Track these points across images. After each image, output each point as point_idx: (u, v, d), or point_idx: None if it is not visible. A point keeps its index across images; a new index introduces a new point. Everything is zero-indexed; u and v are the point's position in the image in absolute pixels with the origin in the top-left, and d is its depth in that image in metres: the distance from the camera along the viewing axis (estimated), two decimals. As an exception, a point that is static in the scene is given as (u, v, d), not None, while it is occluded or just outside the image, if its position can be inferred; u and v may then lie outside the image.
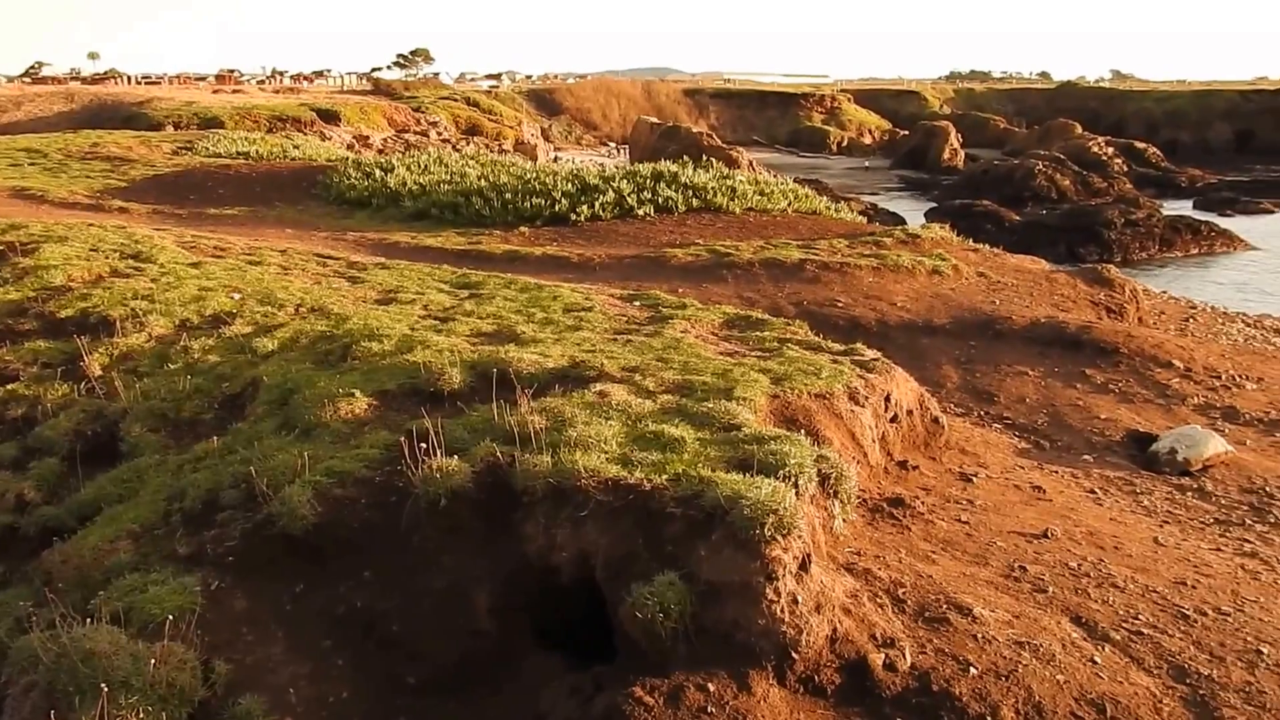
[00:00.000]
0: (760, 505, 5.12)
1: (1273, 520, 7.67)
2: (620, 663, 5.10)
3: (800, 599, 4.99)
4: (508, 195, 19.48)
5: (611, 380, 7.31)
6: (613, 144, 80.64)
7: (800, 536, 5.16)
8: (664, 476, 5.61)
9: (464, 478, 5.94)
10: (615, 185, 19.11)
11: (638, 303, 10.29)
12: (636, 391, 7.09)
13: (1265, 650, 5.43)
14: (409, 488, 5.96)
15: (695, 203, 18.65)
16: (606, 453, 5.96)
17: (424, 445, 6.03)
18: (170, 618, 5.03)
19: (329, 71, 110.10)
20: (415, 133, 56.55)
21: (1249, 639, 5.56)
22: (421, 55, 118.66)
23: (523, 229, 17.83)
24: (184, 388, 8.47)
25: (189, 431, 8.06)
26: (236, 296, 10.52)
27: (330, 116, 51.34)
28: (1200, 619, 5.76)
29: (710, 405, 6.69)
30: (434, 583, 5.71)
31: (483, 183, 20.72)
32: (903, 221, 38.48)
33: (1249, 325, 16.13)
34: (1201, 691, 5.03)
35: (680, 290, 11.80)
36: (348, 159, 28.07)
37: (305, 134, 43.11)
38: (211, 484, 6.57)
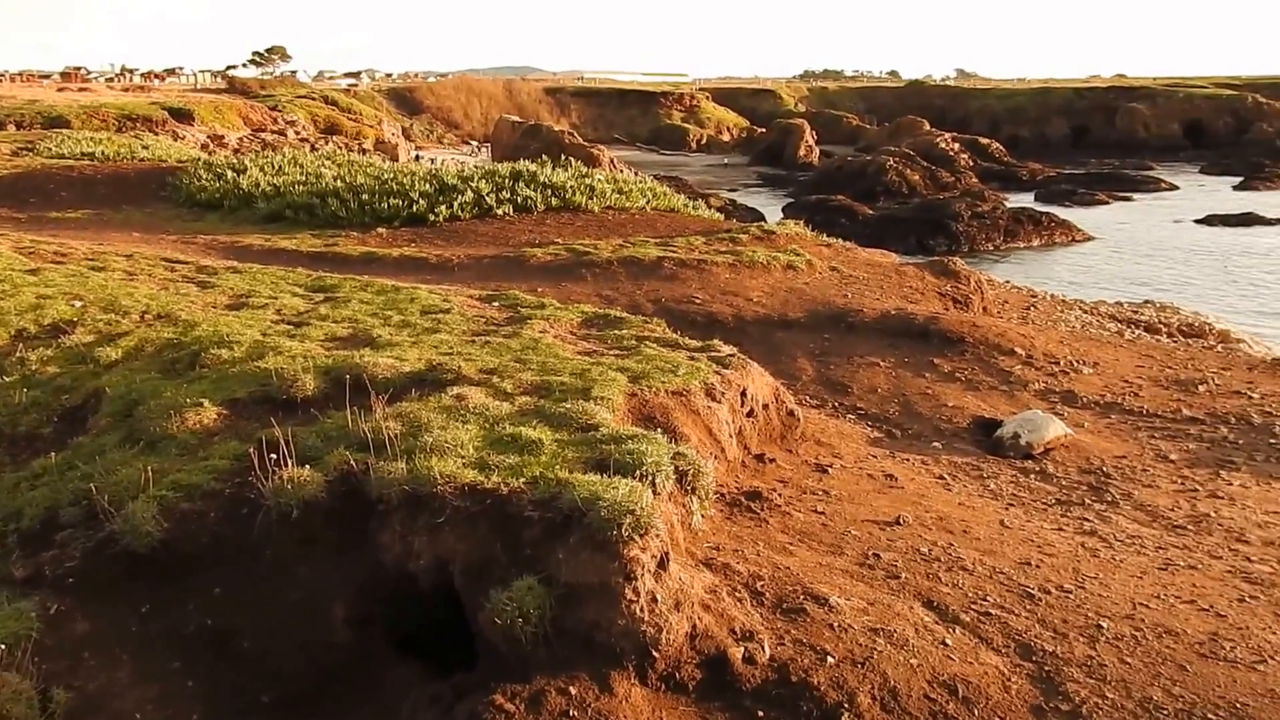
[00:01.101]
0: (617, 506, 5.12)
1: (1109, 499, 8.06)
2: (481, 670, 5.04)
3: (659, 597, 5.01)
4: (365, 196, 19.09)
5: (469, 383, 7.23)
6: (475, 142, 79.90)
7: (658, 535, 5.18)
8: (522, 480, 5.56)
9: (317, 487, 5.79)
10: (474, 185, 18.91)
11: (496, 303, 10.20)
12: (494, 394, 7.02)
13: (1105, 625, 5.70)
14: (260, 499, 5.77)
15: (554, 202, 18.62)
16: (463, 457, 5.89)
17: (275, 455, 5.85)
18: (4, 646, 4.75)
19: (181, 69, 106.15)
20: (273, 132, 54.98)
21: (1090, 615, 5.82)
22: (278, 53, 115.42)
23: (380, 230, 17.50)
24: (20, 401, 8.01)
25: (26, 447, 7.64)
26: (78, 304, 10.02)
27: (183, 115, 49.47)
28: (1045, 597, 6.01)
29: (568, 406, 6.68)
30: (288, 596, 5.55)
31: (339, 183, 20.25)
32: (762, 217, 39.26)
33: (1086, 312, 16.98)
34: (1047, 668, 5.24)
35: (539, 290, 11.75)
36: (199, 159, 27.05)
37: (157, 134, 41.44)
38: (50, 502, 6.24)
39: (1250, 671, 5.30)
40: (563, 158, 23.39)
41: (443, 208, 18.03)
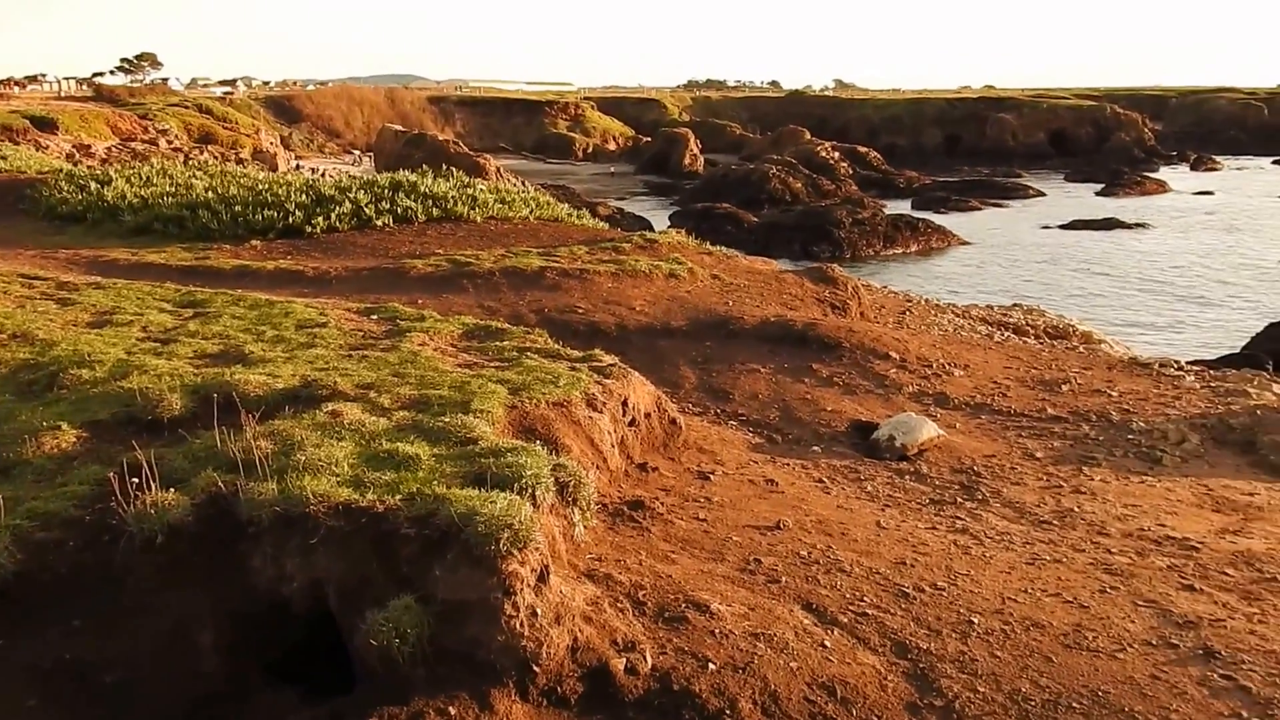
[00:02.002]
0: (495, 520, 5.07)
1: (980, 497, 8.32)
2: (359, 693, 4.93)
3: (540, 611, 4.99)
4: (238, 208, 18.56)
5: (345, 399, 7.08)
6: (358, 152, 78.45)
7: (538, 548, 5.15)
8: (398, 496, 5.47)
9: (183, 511, 5.58)
10: (352, 196, 18.58)
11: (375, 316, 10.02)
12: (371, 409, 6.89)
13: (976, 620, 5.88)
14: (123, 525, 5.54)
15: (436, 212, 18.40)
16: (338, 475, 5.76)
17: (139, 479, 5.62)
18: None
19: (44, 76, 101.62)
20: (143, 141, 53.12)
21: (962, 611, 5.99)
22: (148, 60, 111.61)
23: (255, 242, 17.02)
24: None
25: None
26: (-79, 325, 9.48)
27: (47, 125, 47.43)
28: (919, 596, 6.17)
29: (447, 419, 6.60)
30: (154, 625, 5.34)
31: (211, 195, 19.65)
32: (649, 225, 39.52)
33: (958, 315, 17.51)
34: (921, 665, 5.38)
35: (420, 302, 11.59)
36: (60, 171, 25.91)
37: (18, 143, 39.61)
38: (-108, 537, 5.87)
39: (1110, 660, 5.52)
40: (446, 167, 23.15)
41: (320, 219, 17.64)
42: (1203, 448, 9.76)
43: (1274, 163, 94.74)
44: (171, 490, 5.70)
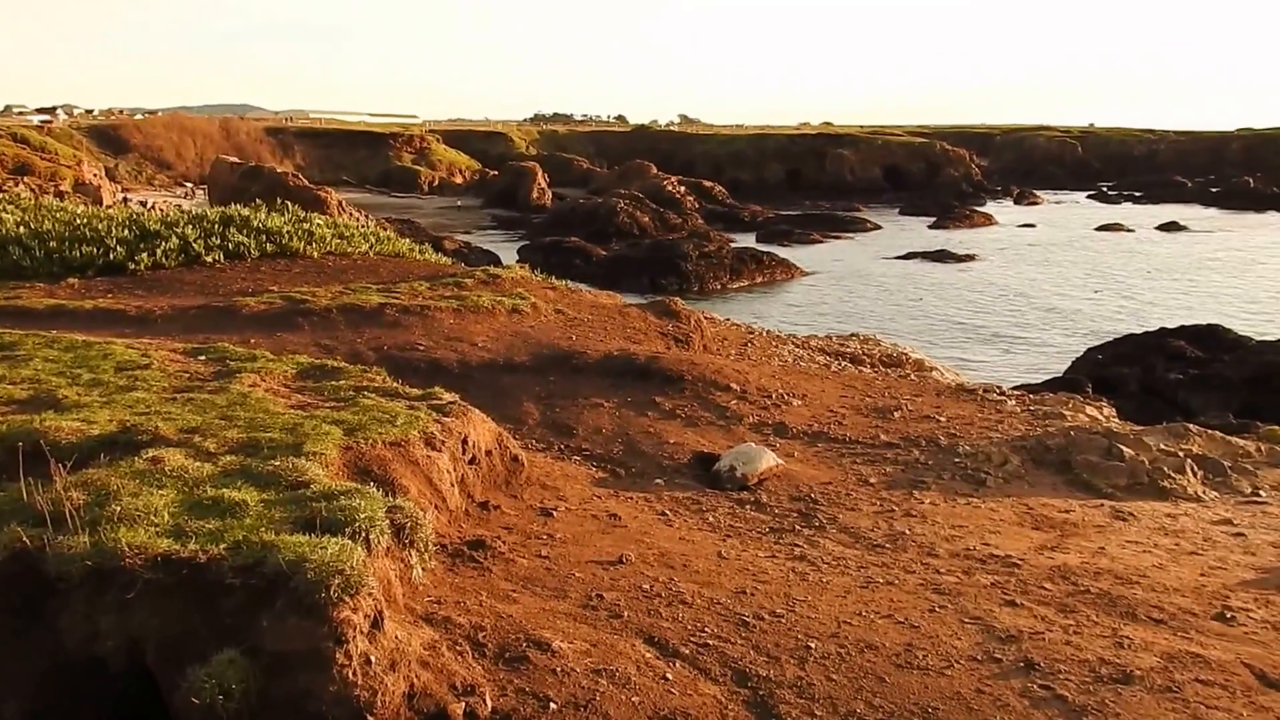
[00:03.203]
0: (326, 566, 4.92)
1: (817, 524, 8.52)
2: (181, 754, 4.68)
3: (374, 659, 4.85)
4: (53, 244, 17.51)
5: (168, 444, 6.76)
6: (190, 184, 75.61)
7: (371, 594, 5.01)
8: (223, 545, 5.24)
9: (-18, 571, 5.21)
10: (180, 231, 17.82)
11: (203, 356, 9.63)
12: (196, 454, 6.60)
13: (813, 645, 6.00)
14: (-85, 590, 5.14)
15: (270, 248, 17.83)
16: (157, 525, 5.48)
17: (-67, 539, 5.23)
18: None
19: None
20: (-54, 172, 49.87)
21: (799, 637, 6.11)
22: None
23: (72, 281, 16.10)
24: None
25: None
26: None
27: None
28: (759, 624, 6.27)
29: (277, 463, 6.37)
30: (-50, 696, 4.96)
31: (22, 230, 18.51)
32: (497, 259, 39.35)
33: (798, 346, 18.00)
34: (761, 692, 5.45)
35: (253, 341, 11.20)
36: None
37: None
38: None
39: (939, 676, 5.72)
40: (283, 201, 22.50)
41: (144, 255, 16.83)
42: (1023, 468, 10.26)
43: (1088, 197, 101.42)
44: (-30, 549, 5.32)
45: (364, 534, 5.49)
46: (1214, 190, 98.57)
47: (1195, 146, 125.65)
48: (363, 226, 20.99)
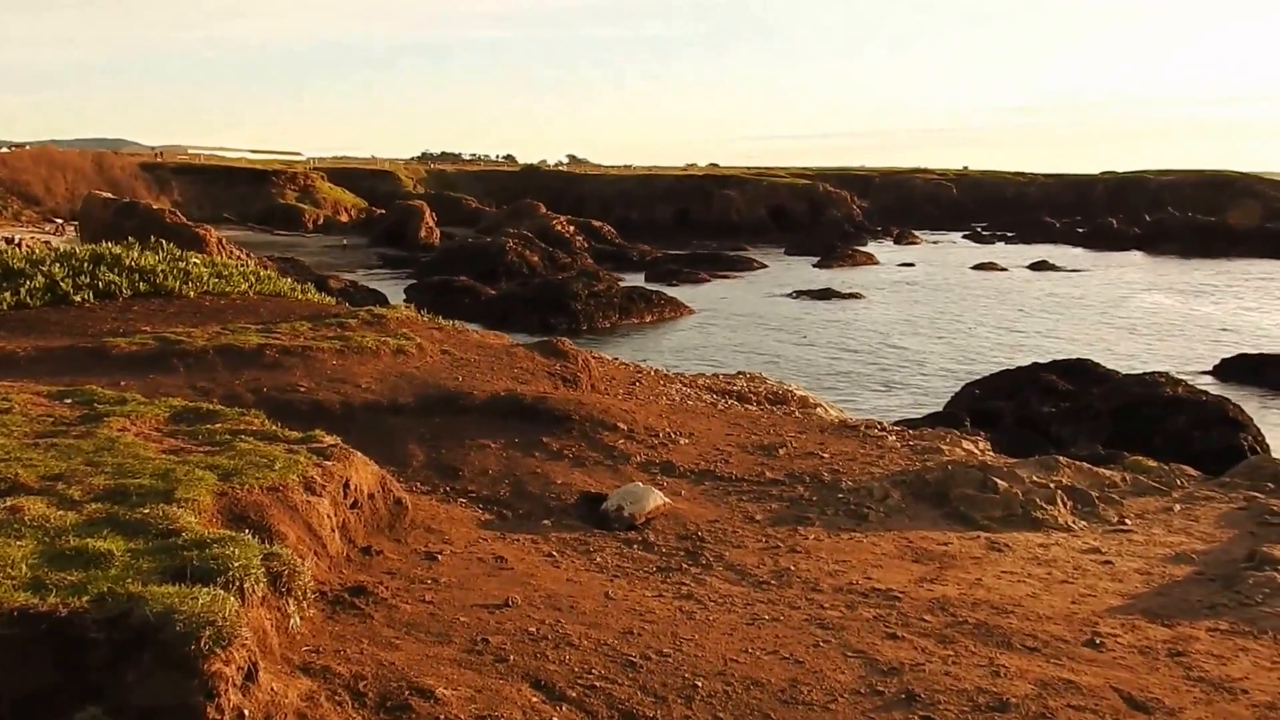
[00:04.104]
0: (196, 618, 4.75)
1: (704, 562, 8.57)
2: (37, 821, 4.44)
3: (247, 712, 4.69)
4: (-95, 282, 16.69)
5: (28, 492, 6.48)
6: (60, 220, 72.74)
7: (245, 645, 4.85)
8: (86, 598, 5.01)
9: None
10: (46, 269, 17.10)
11: (69, 400, 9.24)
12: (59, 502, 6.33)
13: (700, 684, 6.02)
14: None
15: (144, 287, 17.24)
16: (15, 578, 5.22)
17: None
18: None
19: None
20: None
21: (686, 676, 6.12)
22: None
23: (-72, 321, 15.35)
24: None
25: None
26: None
27: None
28: (646, 664, 6.25)
29: (147, 511, 6.15)
30: None
31: (-128, 270, 17.57)
32: (384, 299, 38.82)
33: (685, 385, 18.14)
34: (647, 732, 5.45)
35: (123, 383, 10.78)
36: None
37: None
38: None
39: (824, 712, 5.79)
40: (156, 239, 21.79)
41: (7, 294, 16.07)
42: (903, 503, 10.50)
43: (964, 236, 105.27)
44: None
45: (238, 583, 5.33)
46: (1080, 230, 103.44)
47: (1062, 188, 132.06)
48: (243, 265, 20.48)
